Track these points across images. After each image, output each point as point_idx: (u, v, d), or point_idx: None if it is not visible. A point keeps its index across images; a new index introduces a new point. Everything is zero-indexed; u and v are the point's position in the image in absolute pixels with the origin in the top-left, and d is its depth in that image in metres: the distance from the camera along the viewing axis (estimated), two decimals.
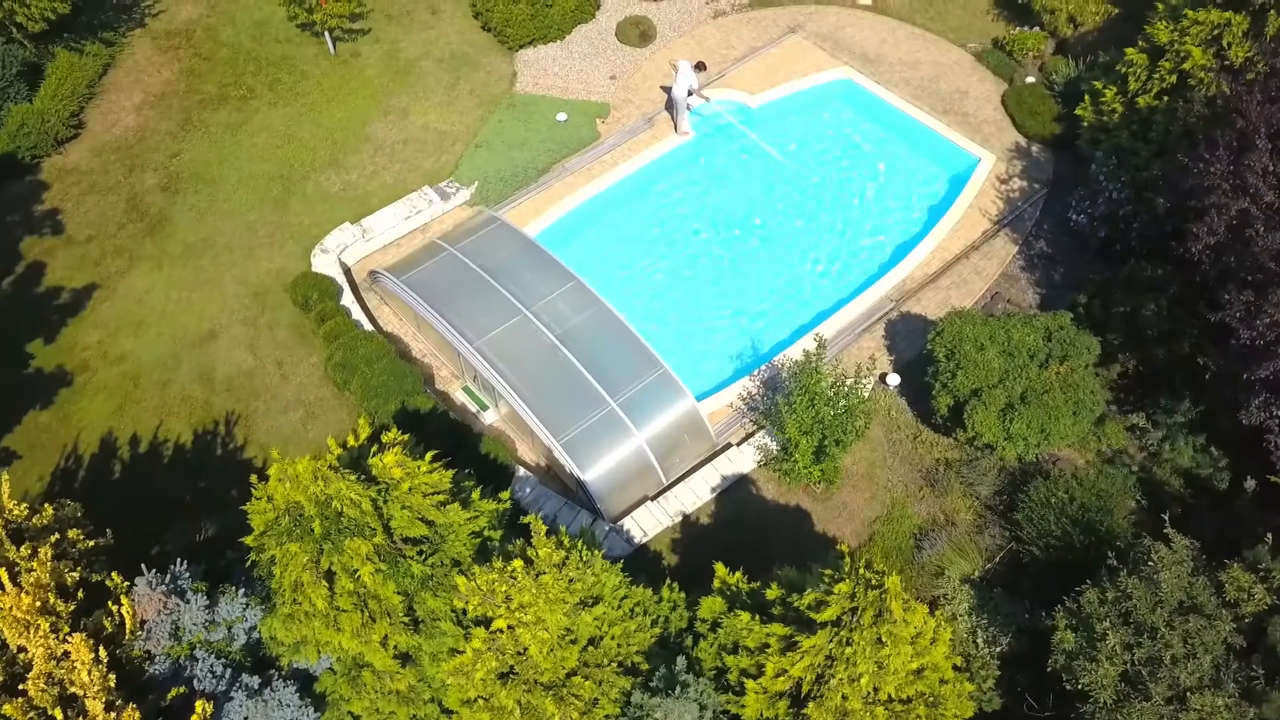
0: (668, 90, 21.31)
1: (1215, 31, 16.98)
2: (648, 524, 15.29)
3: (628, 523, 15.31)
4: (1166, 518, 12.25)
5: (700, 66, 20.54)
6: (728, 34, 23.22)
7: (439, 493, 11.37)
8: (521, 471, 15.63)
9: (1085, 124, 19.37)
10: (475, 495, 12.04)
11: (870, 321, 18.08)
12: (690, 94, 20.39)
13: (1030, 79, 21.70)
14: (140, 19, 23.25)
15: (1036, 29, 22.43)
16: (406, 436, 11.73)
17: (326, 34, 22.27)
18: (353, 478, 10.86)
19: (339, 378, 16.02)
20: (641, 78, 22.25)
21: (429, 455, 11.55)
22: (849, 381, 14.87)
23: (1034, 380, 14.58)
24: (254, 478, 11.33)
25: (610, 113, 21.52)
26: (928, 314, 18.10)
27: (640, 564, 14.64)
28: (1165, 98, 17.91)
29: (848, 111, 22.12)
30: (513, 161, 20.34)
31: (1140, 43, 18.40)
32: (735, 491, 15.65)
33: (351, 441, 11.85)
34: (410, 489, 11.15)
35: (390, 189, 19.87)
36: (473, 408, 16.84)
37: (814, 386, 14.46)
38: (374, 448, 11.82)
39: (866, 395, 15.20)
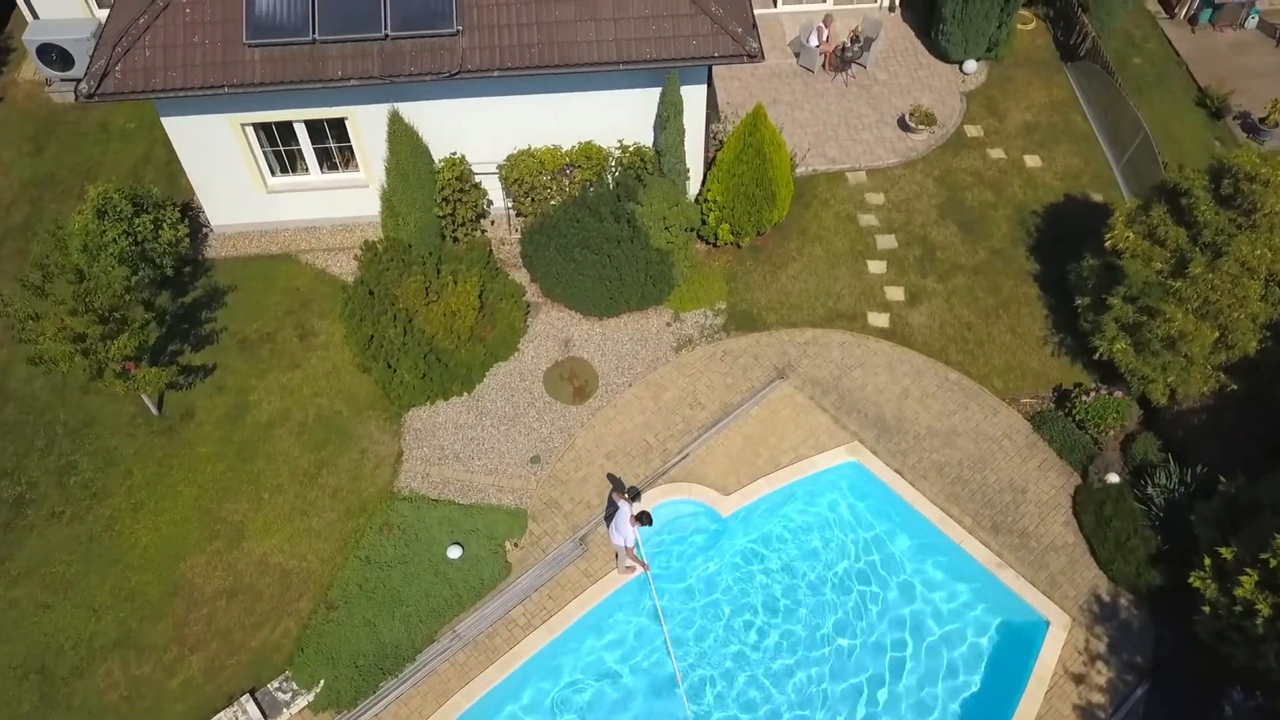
0: (609, 495, 15.25)
1: None
2: None
3: None
4: None
5: (644, 519, 14.13)
6: (693, 380, 17.06)
7: None
8: None
9: (1207, 606, 13.24)
10: None
11: None
12: (634, 525, 14.26)
13: (1112, 476, 15.54)
14: None
15: (1119, 393, 16.26)
16: None
17: (144, 395, 16.24)
18: None
19: None
20: (574, 461, 16.09)
21: None
22: None
23: None
24: None
25: (528, 525, 15.36)
26: None
27: None
28: None
29: (856, 524, 15.92)
30: (379, 639, 14.11)
31: None
32: None
33: None
34: None
35: (196, 692, 13.68)
36: None
37: None
38: None
39: None
